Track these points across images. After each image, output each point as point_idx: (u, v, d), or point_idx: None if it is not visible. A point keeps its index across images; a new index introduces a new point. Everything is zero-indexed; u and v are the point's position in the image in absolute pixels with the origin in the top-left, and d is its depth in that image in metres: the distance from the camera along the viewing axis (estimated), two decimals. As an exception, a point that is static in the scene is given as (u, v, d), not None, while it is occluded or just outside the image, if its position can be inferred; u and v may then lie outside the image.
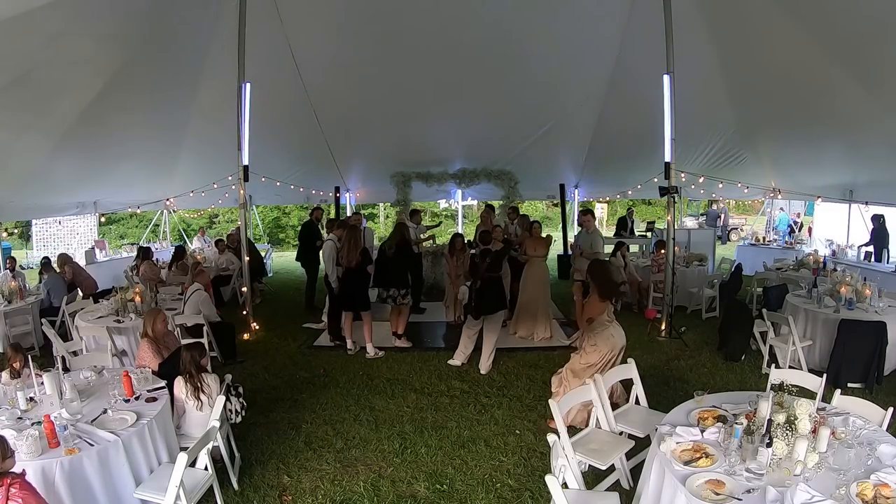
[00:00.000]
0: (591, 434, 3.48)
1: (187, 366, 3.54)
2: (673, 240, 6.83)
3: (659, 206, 21.59)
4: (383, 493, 3.55)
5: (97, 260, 10.27)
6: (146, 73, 6.83)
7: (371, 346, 6.12)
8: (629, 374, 3.78)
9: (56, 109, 6.56)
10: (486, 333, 5.63)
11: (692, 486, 2.37)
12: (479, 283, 5.51)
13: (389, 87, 8.03)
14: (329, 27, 7.09)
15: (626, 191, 11.75)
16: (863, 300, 5.44)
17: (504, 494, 3.51)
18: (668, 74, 6.13)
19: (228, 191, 9.29)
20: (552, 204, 18.39)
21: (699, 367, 5.63)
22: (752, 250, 11.15)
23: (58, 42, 5.45)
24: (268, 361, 6.05)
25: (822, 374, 3.59)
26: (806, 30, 5.78)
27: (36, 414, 3.17)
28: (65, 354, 4.63)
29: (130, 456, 3.01)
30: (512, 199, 10.27)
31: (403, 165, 10.13)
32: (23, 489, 2.26)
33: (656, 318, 6.78)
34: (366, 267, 6.04)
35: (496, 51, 7.32)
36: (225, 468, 3.56)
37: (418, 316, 7.65)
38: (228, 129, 6.83)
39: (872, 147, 7.17)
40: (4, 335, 6.33)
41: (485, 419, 4.54)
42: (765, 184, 9.85)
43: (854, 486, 2.26)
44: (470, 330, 5.67)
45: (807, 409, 2.64)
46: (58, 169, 7.93)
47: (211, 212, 19.31)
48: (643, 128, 7.69)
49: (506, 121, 8.86)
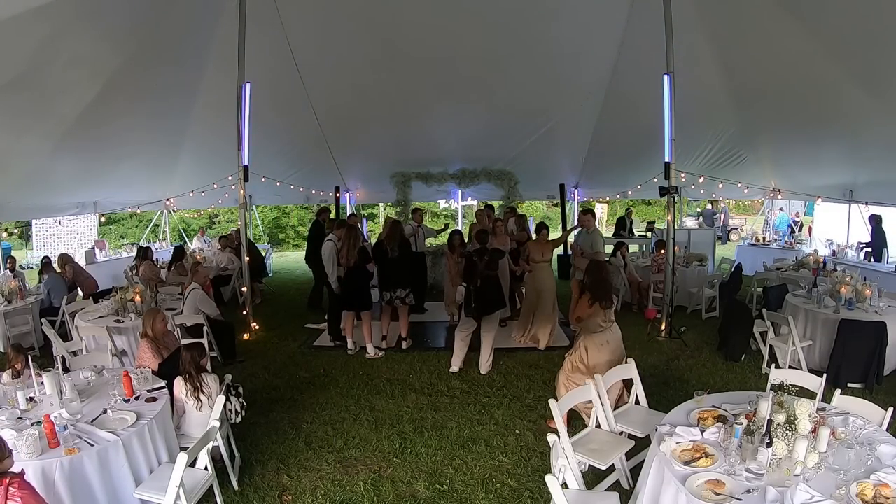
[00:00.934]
0: (591, 434, 3.48)
1: (187, 366, 3.54)
2: (673, 240, 6.83)
3: (659, 206, 21.59)
4: (383, 493, 3.55)
5: (97, 260, 10.27)
6: (146, 74, 6.84)
7: (371, 345, 6.12)
8: (629, 374, 3.78)
9: (56, 110, 6.57)
10: (483, 333, 5.58)
11: (692, 486, 2.37)
12: (479, 282, 5.44)
13: (389, 88, 8.04)
14: (329, 27, 7.09)
15: (626, 191, 11.75)
16: (863, 300, 5.44)
17: (504, 494, 3.51)
18: (667, 74, 6.13)
19: (228, 191, 9.29)
20: (552, 204, 18.38)
21: (699, 367, 5.63)
22: (751, 250, 11.15)
23: (58, 42, 5.46)
24: (268, 361, 6.05)
25: (822, 374, 3.58)
26: (806, 30, 5.79)
27: (36, 414, 3.17)
28: (65, 354, 4.63)
29: (130, 456, 3.02)
30: (512, 199, 10.28)
31: (403, 165, 10.13)
32: (22, 489, 2.26)
33: (656, 318, 6.78)
34: (365, 265, 6.02)
35: (496, 50, 7.32)
36: (225, 468, 3.56)
37: (418, 316, 7.64)
38: (228, 129, 6.83)
39: (872, 147, 7.18)
40: (4, 335, 6.34)
41: (485, 419, 4.54)
42: (765, 184, 9.85)
43: (854, 486, 2.26)
44: (462, 332, 5.59)
45: (807, 409, 2.64)
46: (58, 169, 7.94)
47: (211, 212, 19.31)
48: (643, 128, 7.69)
49: (506, 121, 8.86)
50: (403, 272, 6.22)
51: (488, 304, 5.50)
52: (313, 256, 8.40)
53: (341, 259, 6.02)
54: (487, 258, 5.49)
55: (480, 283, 5.42)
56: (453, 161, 10.19)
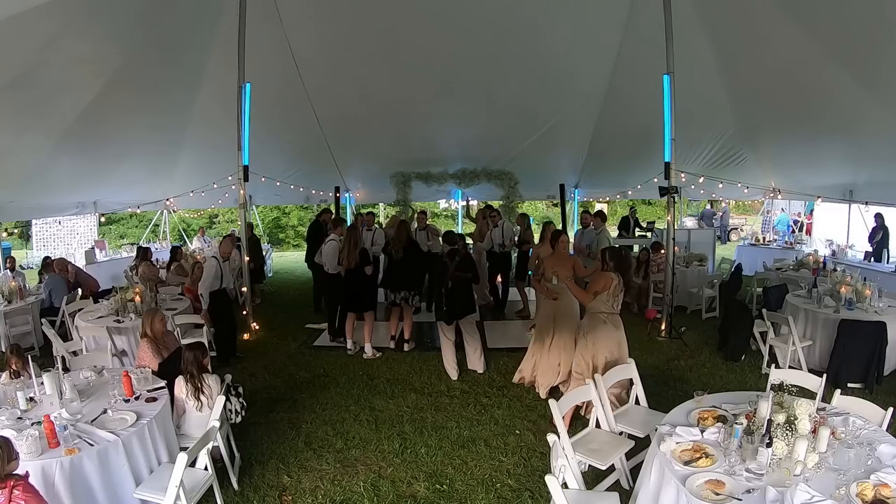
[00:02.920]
0: (591, 434, 3.48)
1: (189, 366, 3.54)
2: (673, 240, 6.83)
3: (659, 206, 21.58)
4: (383, 493, 3.55)
5: (97, 260, 10.27)
6: (146, 73, 6.83)
7: (370, 346, 6.11)
8: (629, 374, 3.78)
9: (56, 109, 6.57)
10: (465, 336, 5.49)
11: (692, 486, 2.37)
12: (450, 284, 5.32)
13: (389, 87, 8.02)
14: (329, 27, 7.08)
15: (626, 191, 11.76)
16: (863, 300, 5.44)
17: (504, 494, 3.51)
18: (667, 74, 6.13)
19: (228, 191, 9.28)
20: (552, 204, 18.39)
21: (699, 367, 5.63)
22: (751, 250, 11.16)
23: (58, 42, 5.45)
24: (268, 361, 6.05)
25: (822, 375, 3.58)
26: (806, 30, 5.78)
27: (36, 414, 3.17)
28: (65, 354, 4.63)
29: (130, 456, 3.02)
30: (512, 199, 10.28)
31: (403, 165, 10.12)
32: (26, 491, 2.26)
33: (656, 319, 6.78)
34: (363, 267, 6.01)
35: (496, 50, 7.31)
36: (225, 468, 3.56)
37: (418, 316, 7.63)
38: (228, 129, 6.82)
39: (872, 147, 7.18)
40: (4, 335, 6.34)
41: (485, 419, 4.54)
42: (765, 184, 9.85)
43: (854, 487, 2.26)
44: (445, 337, 5.47)
45: (807, 409, 2.64)
46: (58, 169, 7.94)
47: (211, 212, 19.31)
48: (643, 128, 7.69)
49: (506, 121, 8.85)
50: (409, 274, 6.16)
51: (459, 308, 5.37)
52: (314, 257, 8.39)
53: (342, 260, 6.02)
54: (458, 259, 5.39)
55: (451, 285, 5.33)
56: (453, 161, 10.18)
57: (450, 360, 5.47)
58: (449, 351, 5.49)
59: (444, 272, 5.37)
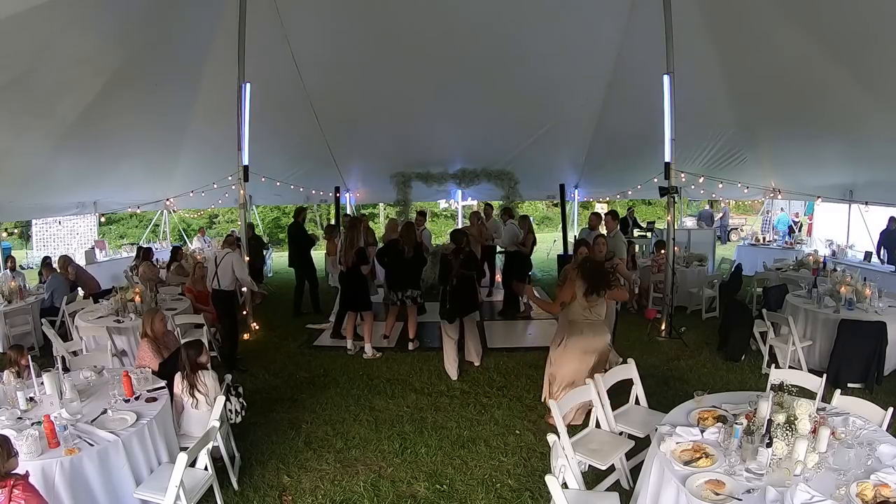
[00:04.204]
0: (591, 434, 3.48)
1: (182, 362, 3.55)
2: (673, 240, 6.83)
3: (659, 206, 21.58)
4: (383, 493, 3.55)
5: (97, 260, 10.27)
6: (146, 73, 6.84)
7: (369, 345, 6.11)
8: (629, 375, 3.78)
9: (56, 109, 6.56)
10: (466, 332, 5.60)
11: (692, 486, 2.36)
12: (454, 281, 5.40)
13: (389, 88, 8.03)
14: (329, 27, 7.09)
15: (626, 191, 11.76)
16: (863, 300, 5.44)
17: (504, 494, 3.51)
18: (667, 75, 6.13)
19: (228, 191, 9.28)
20: (552, 204, 18.38)
21: (699, 367, 5.63)
22: (751, 250, 11.16)
23: (58, 42, 5.45)
24: (268, 361, 6.05)
25: (822, 375, 3.58)
26: (806, 30, 5.78)
27: (36, 414, 3.16)
28: (65, 354, 4.62)
29: (130, 456, 3.01)
30: (512, 199, 10.27)
31: (403, 165, 10.12)
32: (25, 491, 2.26)
33: (656, 319, 6.78)
34: (359, 267, 6.01)
35: (496, 51, 7.31)
36: (225, 468, 3.56)
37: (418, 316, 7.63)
38: (228, 129, 6.83)
39: (872, 147, 7.18)
40: (4, 335, 6.34)
41: (485, 419, 4.54)
42: (765, 184, 9.85)
43: (854, 487, 2.26)
44: (448, 337, 5.50)
45: (807, 409, 2.64)
46: (58, 169, 7.94)
47: (211, 212, 19.32)
48: (643, 128, 7.69)
49: (506, 121, 8.86)
50: (414, 274, 6.21)
51: (463, 306, 5.48)
52: (296, 258, 8.36)
53: (340, 259, 6.03)
54: (463, 258, 5.47)
55: (456, 282, 5.41)
56: (453, 161, 10.19)
57: (451, 360, 5.48)
58: (451, 350, 5.50)
59: (449, 270, 5.42)
